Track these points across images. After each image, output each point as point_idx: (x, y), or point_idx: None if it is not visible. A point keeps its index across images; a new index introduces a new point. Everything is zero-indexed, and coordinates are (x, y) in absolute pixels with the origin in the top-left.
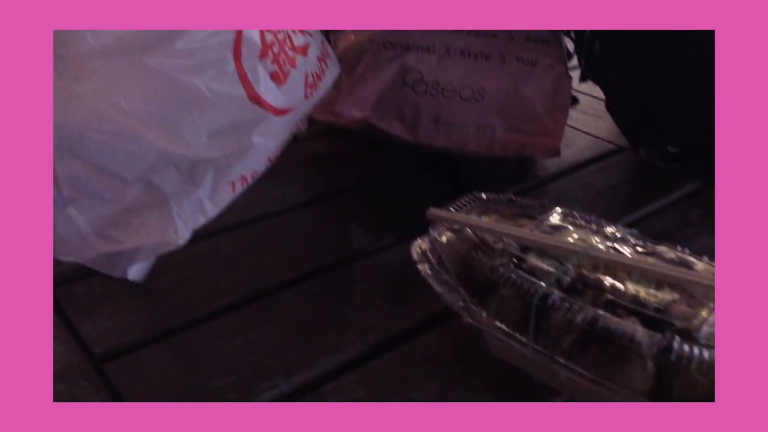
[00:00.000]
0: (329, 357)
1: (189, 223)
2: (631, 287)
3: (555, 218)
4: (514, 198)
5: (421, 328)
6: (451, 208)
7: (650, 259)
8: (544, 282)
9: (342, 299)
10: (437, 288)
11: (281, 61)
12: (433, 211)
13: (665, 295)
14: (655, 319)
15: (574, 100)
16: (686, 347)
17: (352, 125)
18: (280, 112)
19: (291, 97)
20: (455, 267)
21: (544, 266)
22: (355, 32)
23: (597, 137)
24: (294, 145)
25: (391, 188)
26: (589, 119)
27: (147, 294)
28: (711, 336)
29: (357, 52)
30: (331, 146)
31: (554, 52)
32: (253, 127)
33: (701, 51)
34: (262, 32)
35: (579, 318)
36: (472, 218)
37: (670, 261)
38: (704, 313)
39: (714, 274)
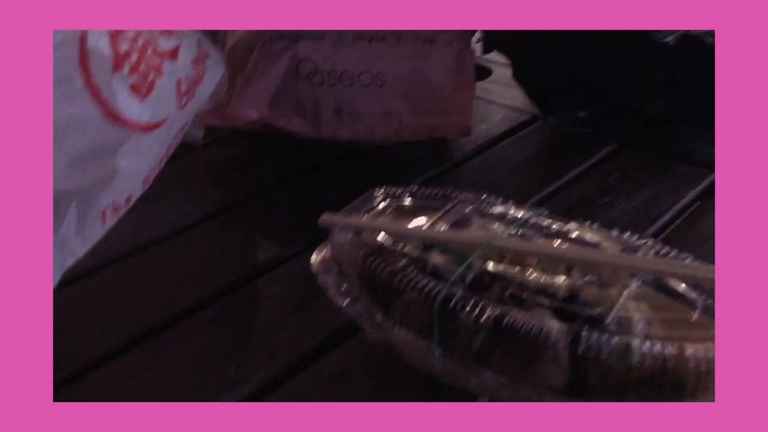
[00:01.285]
0: (229, 393)
1: (56, 267)
2: (540, 275)
3: (459, 207)
4: (415, 189)
5: (332, 344)
6: (349, 209)
7: (557, 243)
8: (448, 281)
9: (245, 323)
10: (338, 301)
11: (142, 71)
12: (326, 217)
13: (576, 280)
14: (565, 307)
15: (487, 71)
16: (594, 336)
17: (250, 127)
18: (147, 128)
19: (160, 110)
20: (357, 274)
21: (448, 264)
22: None
23: (512, 107)
24: (189, 156)
25: (297, 190)
26: (503, 89)
27: None
28: (621, 320)
29: (246, 48)
30: (230, 152)
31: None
32: (117, 149)
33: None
34: (113, 41)
35: (483, 317)
36: (366, 220)
37: (578, 241)
38: (613, 295)
39: (620, 251)
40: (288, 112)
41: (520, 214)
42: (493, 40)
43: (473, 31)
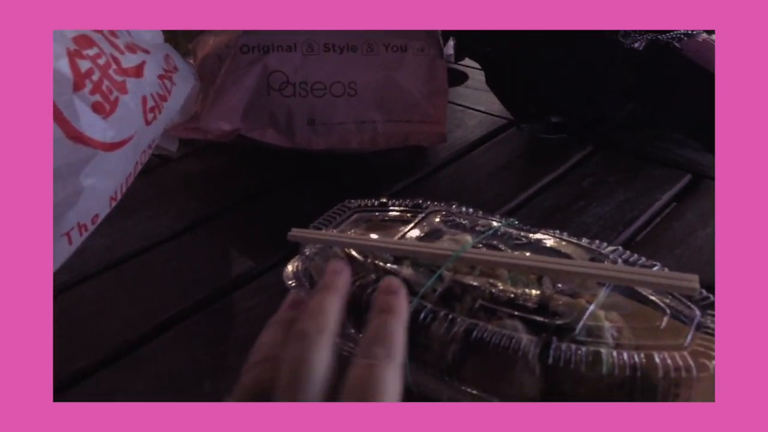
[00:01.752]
0: None
1: None
2: (510, 286)
3: (430, 218)
4: (385, 201)
5: None
6: (321, 222)
7: (526, 253)
8: (418, 293)
9: (220, 338)
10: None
11: (105, 89)
12: (294, 232)
13: (546, 290)
14: (535, 318)
15: (463, 76)
16: (564, 347)
17: (224, 139)
18: (112, 146)
19: (124, 127)
20: None
21: (419, 276)
22: (213, 37)
23: (487, 113)
24: (164, 168)
25: (273, 201)
26: (479, 95)
27: None
28: (591, 329)
29: (216, 60)
30: (205, 164)
31: (423, 35)
32: (81, 169)
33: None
34: (72, 61)
35: (454, 330)
36: (335, 234)
37: (548, 250)
38: (582, 305)
39: (589, 259)
40: (261, 123)
41: (490, 223)
42: (465, 47)
43: (445, 39)
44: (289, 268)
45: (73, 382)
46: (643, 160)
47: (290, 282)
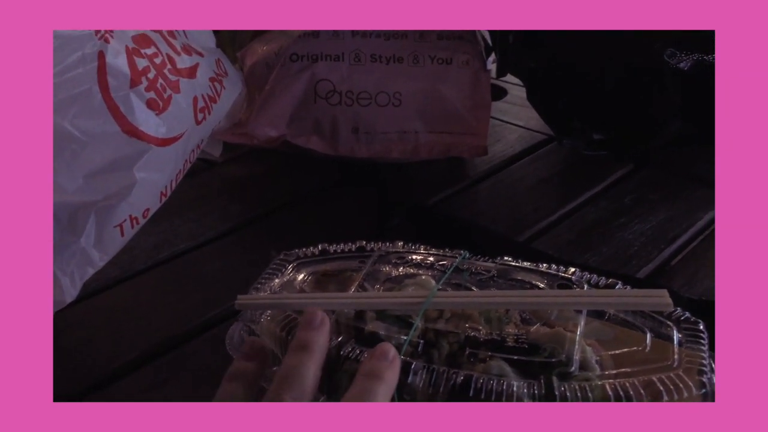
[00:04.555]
0: None
1: (76, 277)
2: (483, 323)
3: (380, 264)
4: (325, 248)
5: None
6: (262, 279)
7: (493, 290)
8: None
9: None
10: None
11: (159, 87)
12: (241, 300)
13: (513, 319)
14: (520, 356)
15: (502, 92)
16: (568, 392)
17: (269, 144)
18: (164, 142)
19: (176, 125)
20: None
21: (388, 328)
22: (262, 45)
23: (527, 128)
24: (209, 172)
25: (314, 207)
26: (518, 110)
27: None
28: (583, 363)
29: (265, 68)
30: (248, 169)
31: (469, 48)
32: (134, 162)
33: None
34: (131, 58)
35: (438, 381)
36: (288, 296)
37: (514, 282)
38: (565, 335)
39: (556, 287)
40: (306, 130)
41: (445, 260)
42: (508, 62)
43: (488, 53)
44: (229, 337)
45: (120, 375)
46: (685, 179)
47: (232, 351)
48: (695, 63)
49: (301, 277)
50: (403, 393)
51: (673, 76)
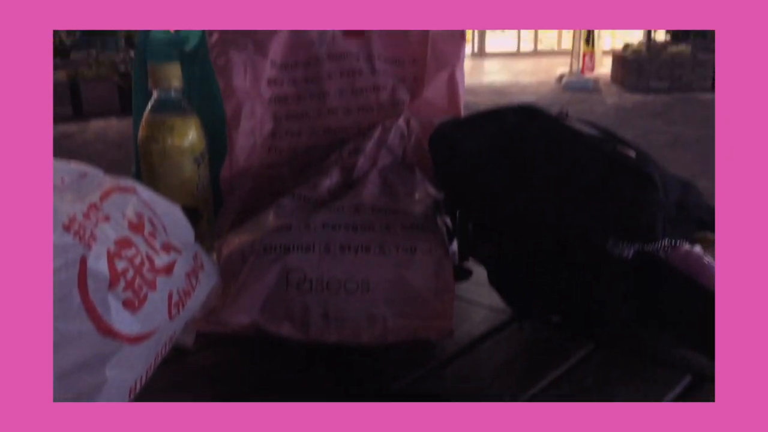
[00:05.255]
0: None
1: None
2: None
3: None
4: None
5: None
6: None
7: None
8: None
9: None
10: None
11: (136, 287)
12: None
13: None
14: None
15: (467, 273)
16: None
17: (242, 331)
18: (136, 339)
19: (149, 322)
20: None
21: None
22: (239, 236)
23: (492, 308)
24: (181, 360)
25: (286, 393)
26: (484, 290)
27: None
28: None
29: (240, 258)
30: (220, 356)
31: (431, 237)
32: (106, 361)
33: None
34: (111, 262)
35: None
36: None
37: None
38: None
39: None
40: (278, 317)
41: None
42: (467, 249)
43: (450, 240)
44: None
45: None
46: (646, 360)
47: None
48: (636, 253)
49: None
50: None
51: (615, 265)
